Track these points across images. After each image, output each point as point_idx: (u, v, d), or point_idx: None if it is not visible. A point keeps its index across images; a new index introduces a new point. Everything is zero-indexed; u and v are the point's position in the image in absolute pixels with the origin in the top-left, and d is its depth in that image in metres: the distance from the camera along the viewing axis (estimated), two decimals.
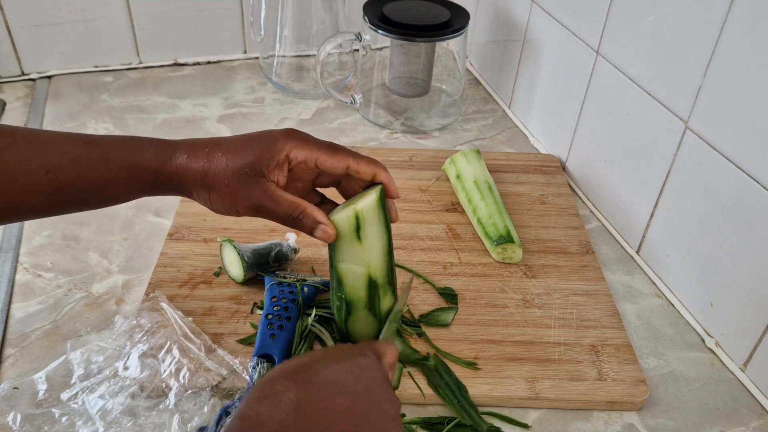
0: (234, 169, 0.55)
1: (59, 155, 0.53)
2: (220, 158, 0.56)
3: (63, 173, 0.53)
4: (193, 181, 0.56)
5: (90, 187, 0.55)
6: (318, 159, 0.56)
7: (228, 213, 0.57)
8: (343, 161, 0.57)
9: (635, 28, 0.75)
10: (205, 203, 0.57)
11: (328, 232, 0.56)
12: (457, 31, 0.94)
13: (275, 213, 0.56)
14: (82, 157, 0.54)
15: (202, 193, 0.56)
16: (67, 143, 0.54)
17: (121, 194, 0.57)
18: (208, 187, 0.56)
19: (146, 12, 1.08)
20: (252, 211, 0.56)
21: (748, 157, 0.62)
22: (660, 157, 0.74)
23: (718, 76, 0.64)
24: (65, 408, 0.58)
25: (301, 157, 0.56)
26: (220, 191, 0.56)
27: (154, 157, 0.56)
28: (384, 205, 0.58)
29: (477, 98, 1.12)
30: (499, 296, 0.72)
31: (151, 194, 0.58)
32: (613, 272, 0.78)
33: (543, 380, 0.63)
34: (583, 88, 0.86)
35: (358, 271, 0.58)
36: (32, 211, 0.56)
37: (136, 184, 0.56)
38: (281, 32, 1.06)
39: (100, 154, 0.55)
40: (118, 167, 0.55)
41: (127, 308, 0.69)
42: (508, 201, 0.85)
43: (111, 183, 0.55)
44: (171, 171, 0.56)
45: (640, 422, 0.62)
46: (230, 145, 0.57)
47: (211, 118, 1.02)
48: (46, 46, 1.07)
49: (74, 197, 0.55)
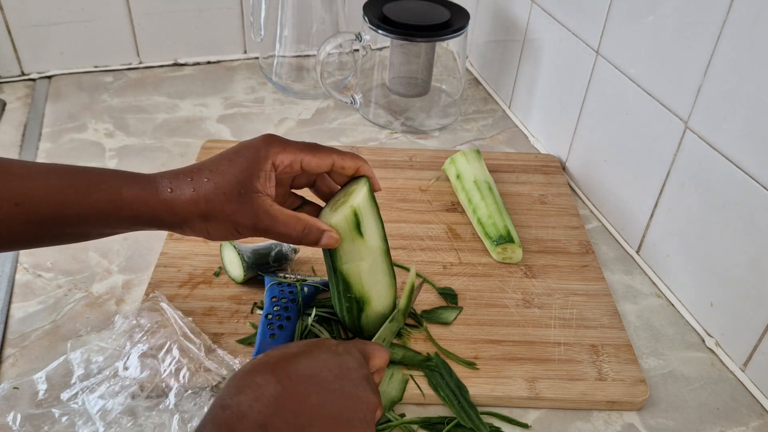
0: (226, 191, 0.53)
1: (30, 187, 0.51)
2: (207, 184, 0.53)
3: (34, 206, 0.51)
4: (185, 215, 0.53)
5: (64, 221, 0.52)
6: (303, 160, 0.56)
7: (226, 239, 0.56)
8: (328, 159, 0.57)
9: (635, 28, 0.75)
10: (200, 233, 0.55)
11: (334, 237, 0.56)
12: (457, 31, 0.94)
13: (276, 231, 0.54)
14: (54, 189, 0.51)
15: (198, 224, 0.54)
16: (40, 174, 0.52)
17: (98, 230, 0.55)
18: (203, 216, 0.53)
19: (146, 12, 1.08)
20: (253, 232, 0.55)
21: (748, 157, 0.62)
22: (660, 157, 0.74)
23: (718, 76, 0.64)
24: (65, 408, 0.58)
25: (286, 161, 0.55)
26: (216, 218, 0.53)
27: (134, 194, 0.53)
28: (373, 196, 0.59)
29: (477, 98, 1.12)
30: (499, 296, 0.72)
31: (135, 230, 0.56)
32: (613, 272, 0.78)
33: (543, 380, 0.63)
34: (583, 88, 0.86)
35: (361, 267, 0.59)
36: (4, 241, 0.52)
37: (114, 221, 0.53)
38: (281, 32, 1.06)
39: (74, 189, 0.52)
40: (93, 201, 0.52)
41: (127, 308, 0.69)
42: (508, 201, 0.85)
43: (86, 218, 0.53)
44: (156, 207, 0.53)
45: (640, 422, 0.62)
46: (213, 167, 0.54)
47: (211, 118, 1.02)
48: (46, 46, 1.07)
49: (48, 231, 0.53)
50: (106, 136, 0.96)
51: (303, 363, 0.46)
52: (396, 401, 0.60)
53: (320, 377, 0.45)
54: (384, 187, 0.86)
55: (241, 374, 0.45)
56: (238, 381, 0.44)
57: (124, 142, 0.95)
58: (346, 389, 0.46)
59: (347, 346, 0.51)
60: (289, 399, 0.43)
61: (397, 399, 0.60)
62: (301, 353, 0.47)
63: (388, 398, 0.60)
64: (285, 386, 0.43)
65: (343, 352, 0.49)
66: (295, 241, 0.55)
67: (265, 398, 0.42)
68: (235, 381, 0.44)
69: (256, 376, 0.44)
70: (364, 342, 0.54)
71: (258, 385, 0.43)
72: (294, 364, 0.46)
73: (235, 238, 0.56)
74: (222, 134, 0.98)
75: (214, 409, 0.42)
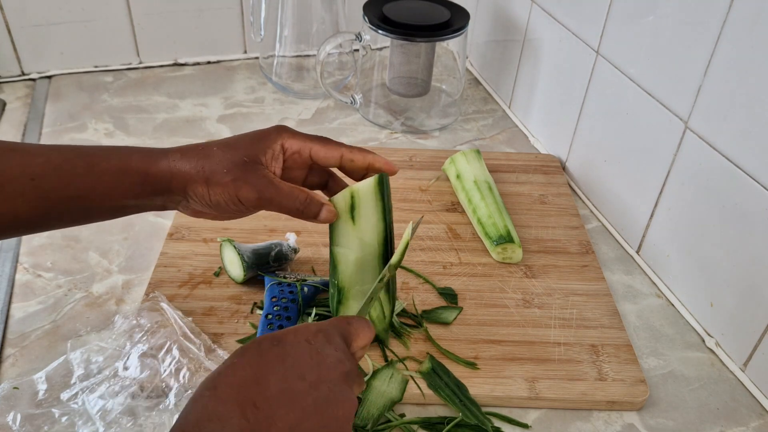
0: (233, 159, 0.54)
1: (43, 162, 0.53)
2: (215, 152, 0.55)
3: (48, 180, 0.52)
4: (188, 178, 0.54)
5: (75, 194, 0.54)
6: (312, 149, 0.57)
7: (228, 208, 0.56)
8: (337, 151, 0.57)
9: (635, 28, 0.75)
10: (202, 201, 0.55)
11: (332, 211, 0.56)
12: (457, 31, 0.94)
13: (278, 201, 0.55)
14: (67, 163, 0.53)
15: (200, 189, 0.54)
16: (51, 152, 0.54)
17: (107, 202, 0.55)
18: (205, 179, 0.54)
19: (146, 12, 1.08)
20: (255, 200, 0.54)
21: (748, 157, 0.62)
22: (660, 157, 0.74)
23: (718, 76, 0.64)
24: (65, 408, 0.58)
25: (295, 147, 0.57)
26: (219, 182, 0.54)
27: (141, 160, 0.55)
28: (384, 193, 0.58)
29: (477, 98, 1.12)
30: (499, 296, 0.72)
31: (141, 202, 0.56)
32: (613, 272, 0.78)
33: (543, 380, 0.63)
34: (583, 88, 0.86)
35: (350, 255, 0.58)
36: (19, 221, 0.54)
37: (123, 189, 0.55)
38: (281, 32, 1.06)
39: (85, 161, 0.54)
40: (102, 171, 0.54)
41: (127, 308, 0.69)
42: (508, 201, 0.85)
43: (95, 189, 0.54)
44: (162, 172, 0.54)
45: (640, 422, 0.62)
46: (224, 142, 0.57)
47: (211, 118, 1.02)
48: (46, 46, 1.07)
49: (60, 205, 0.54)
50: (106, 136, 0.96)
51: (272, 380, 0.42)
52: (396, 401, 0.60)
53: (292, 393, 0.42)
54: None
55: (203, 397, 0.41)
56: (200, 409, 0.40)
57: (124, 142, 0.95)
58: (321, 400, 0.43)
59: (327, 333, 0.47)
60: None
61: (397, 399, 0.60)
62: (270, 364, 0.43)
63: (388, 398, 0.60)
64: (249, 418, 0.40)
65: (321, 345, 0.45)
66: (296, 212, 0.55)
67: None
68: (197, 405, 0.41)
69: (219, 405, 0.40)
70: (347, 320, 0.49)
71: (221, 416, 0.40)
72: (261, 385, 0.42)
73: (237, 209, 0.55)
74: (222, 134, 0.98)
75: None
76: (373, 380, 0.61)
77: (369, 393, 0.60)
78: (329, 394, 0.43)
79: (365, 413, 0.59)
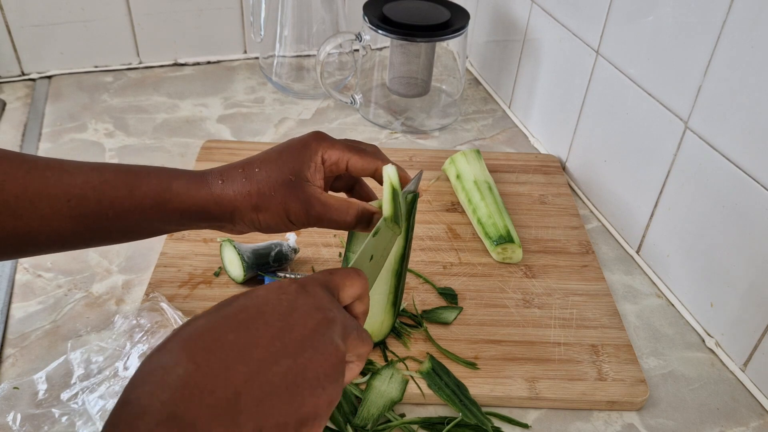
0: (278, 179, 0.53)
1: (82, 182, 0.51)
2: (258, 173, 0.53)
3: (86, 201, 0.51)
4: (234, 205, 0.53)
5: (113, 215, 0.52)
6: (350, 160, 0.56)
7: (278, 229, 0.55)
8: (373, 163, 0.56)
9: (635, 28, 0.75)
10: (251, 225, 0.55)
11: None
12: (457, 31, 0.94)
13: (329, 218, 0.54)
14: (105, 185, 0.52)
15: (249, 215, 0.53)
16: (91, 171, 0.52)
17: (146, 225, 0.54)
18: (254, 206, 0.53)
19: (146, 12, 1.08)
20: (305, 218, 0.54)
21: (748, 157, 0.62)
22: (660, 157, 0.74)
23: (718, 76, 0.64)
24: (65, 408, 0.58)
25: (334, 158, 0.55)
26: (268, 206, 0.53)
27: (183, 186, 0.53)
28: (413, 212, 0.58)
29: (477, 98, 1.12)
30: (499, 296, 0.72)
31: (182, 227, 0.55)
32: (613, 272, 0.78)
33: (543, 380, 0.63)
34: (583, 88, 0.86)
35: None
36: (55, 240, 0.52)
37: (164, 214, 0.53)
38: (281, 32, 1.06)
39: (124, 182, 0.52)
40: (142, 195, 0.52)
41: (127, 308, 0.69)
42: (508, 201, 0.85)
43: (133, 211, 0.52)
44: (205, 200, 0.53)
45: (640, 422, 0.62)
46: (264, 158, 0.55)
47: (211, 118, 1.02)
48: (46, 46, 1.07)
49: (97, 226, 0.53)
50: (106, 136, 0.96)
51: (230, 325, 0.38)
52: (396, 401, 0.60)
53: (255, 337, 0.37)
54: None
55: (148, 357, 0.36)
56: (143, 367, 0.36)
57: (124, 142, 0.95)
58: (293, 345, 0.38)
59: (305, 282, 0.42)
60: (205, 377, 0.35)
61: (397, 399, 0.60)
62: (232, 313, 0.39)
63: (388, 398, 0.60)
64: (199, 363, 0.35)
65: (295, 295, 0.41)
66: (348, 226, 0.55)
67: (171, 383, 0.34)
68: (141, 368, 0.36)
69: (164, 355, 0.36)
70: (330, 271, 0.45)
71: (163, 368, 0.35)
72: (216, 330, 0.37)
73: (287, 228, 0.55)
74: (222, 134, 0.98)
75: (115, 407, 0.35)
76: (373, 380, 0.61)
77: (369, 393, 0.60)
78: (303, 341, 0.38)
79: (365, 413, 0.59)
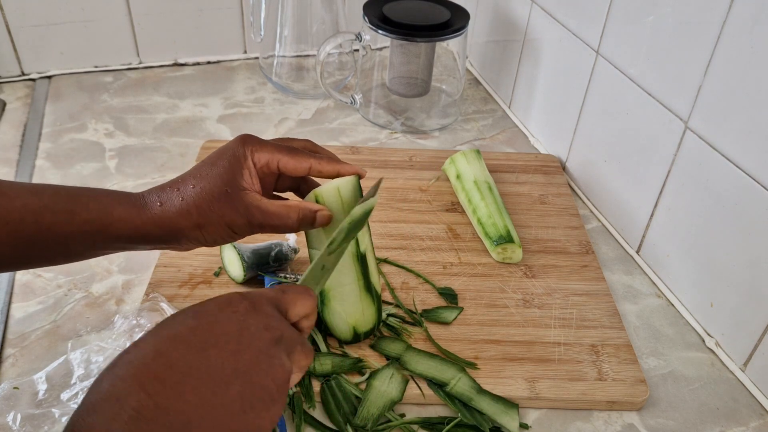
0: (214, 193, 0.53)
1: (20, 206, 0.51)
2: (193, 190, 0.54)
3: (23, 226, 0.51)
4: (179, 226, 0.54)
5: (52, 240, 0.52)
6: (280, 161, 0.56)
7: (225, 242, 0.56)
8: (305, 162, 0.56)
9: (635, 28, 0.75)
10: (196, 242, 0.55)
11: (326, 214, 0.56)
12: (457, 31, 0.94)
13: (269, 224, 0.55)
14: (45, 209, 0.51)
15: (193, 233, 0.54)
16: (30, 195, 0.52)
17: (88, 249, 0.54)
18: (196, 224, 0.54)
19: (146, 12, 1.08)
20: (248, 228, 0.55)
21: (748, 157, 0.62)
22: (660, 157, 0.74)
23: (718, 76, 0.64)
24: (65, 408, 0.58)
25: (263, 159, 0.55)
26: (210, 222, 0.54)
27: (123, 212, 0.53)
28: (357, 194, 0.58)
29: (477, 98, 1.12)
30: (499, 296, 0.72)
31: (127, 249, 0.56)
32: (613, 272, 0.78)
33: (543, 380, 0.63)
34: (583, 88, 0.86)
35: None
36: None
37: (106, 239, 0.53)
38: (281, 32, 1.06)
39: (64, 208, 0.52)
40: (83, 221, 0.52)
41: (127, 308, 0.69)
42: (508, 201, 0.85)
43: (74, 237, 0.52)
44: (149, 224, 0.53)
45: (640, 422, 0.62)
46: (196, 173, 0.55)
47: (211, 118, 1.02)
48: (46, 46, 1.07)
49: (37, 251, 0.52)
50: (106, 136, 0.96)
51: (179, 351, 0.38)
52: (396, 401, 0.60)
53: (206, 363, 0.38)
54: (384, 187, 0.86)
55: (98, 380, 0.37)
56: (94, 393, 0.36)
57: (124, 142, 0.95)
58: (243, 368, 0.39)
59: (254, 301, 0.43)
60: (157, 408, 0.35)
61: (397, 399, 0.60)
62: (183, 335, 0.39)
63: (388, 398, 0.60)
64: (150, 392, 0.35)
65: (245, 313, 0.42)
66: (292, 229, 0.55)
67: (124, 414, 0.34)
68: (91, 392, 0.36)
69: (117, 382, 0.36)
70: (282, 288, 0.46)
71: (117, 396, 0.35)
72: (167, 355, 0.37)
73: (232, 239, 0.56)
74: (222, 134, 0.98)
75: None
76: (373, 380, 0.61)
77: (369, 393, 0.60)
78: (254, 361, 0.39)
79: (365, 413, 0.59)
